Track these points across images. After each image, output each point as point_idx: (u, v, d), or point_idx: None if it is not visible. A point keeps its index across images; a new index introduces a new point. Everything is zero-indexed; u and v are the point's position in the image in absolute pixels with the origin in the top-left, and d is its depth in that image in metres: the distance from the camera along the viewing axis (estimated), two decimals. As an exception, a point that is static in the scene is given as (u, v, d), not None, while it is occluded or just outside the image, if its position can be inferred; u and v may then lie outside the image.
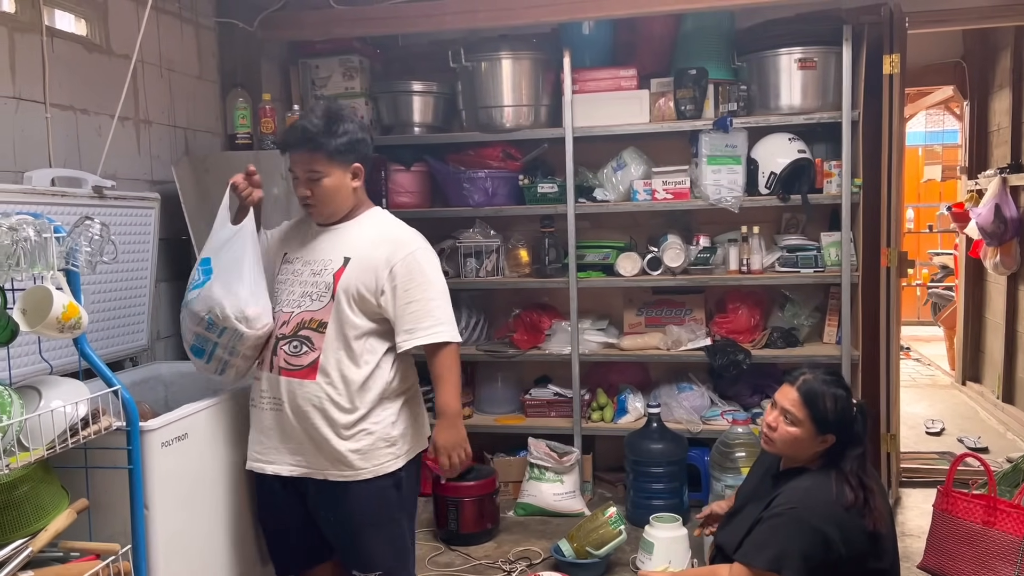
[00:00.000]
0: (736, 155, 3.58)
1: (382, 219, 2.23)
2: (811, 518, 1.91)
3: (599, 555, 2.98)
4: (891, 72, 3.40)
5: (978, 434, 4.59)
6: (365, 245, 2.12)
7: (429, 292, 2.11)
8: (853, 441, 2.01)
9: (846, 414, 2.00)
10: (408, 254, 2.11)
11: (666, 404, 3.73)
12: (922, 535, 3.06)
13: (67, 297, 1.71)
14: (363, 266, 2.09)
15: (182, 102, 3.16)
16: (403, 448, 2.16)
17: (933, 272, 7.96)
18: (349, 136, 2.10)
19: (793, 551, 1.89)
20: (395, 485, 2.15)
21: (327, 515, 2.15)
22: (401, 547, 2.19)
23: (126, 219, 2.52)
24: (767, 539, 1.94)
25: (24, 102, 2.38)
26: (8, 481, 1.65)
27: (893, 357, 3.53)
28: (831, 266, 3.59)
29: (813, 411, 1.99)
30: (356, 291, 2.08)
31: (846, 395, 2.02)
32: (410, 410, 2.21)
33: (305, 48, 3.85)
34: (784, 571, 1.89)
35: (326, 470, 2.11)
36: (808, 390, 2.01)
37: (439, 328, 2.11)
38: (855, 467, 1.97)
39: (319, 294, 2.10)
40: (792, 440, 2.02)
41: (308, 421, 2.09)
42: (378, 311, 2.10)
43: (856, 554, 1.92)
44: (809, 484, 1.99)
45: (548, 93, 3.77)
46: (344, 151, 2.10)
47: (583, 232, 3.87)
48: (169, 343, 3.03)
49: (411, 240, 2.16)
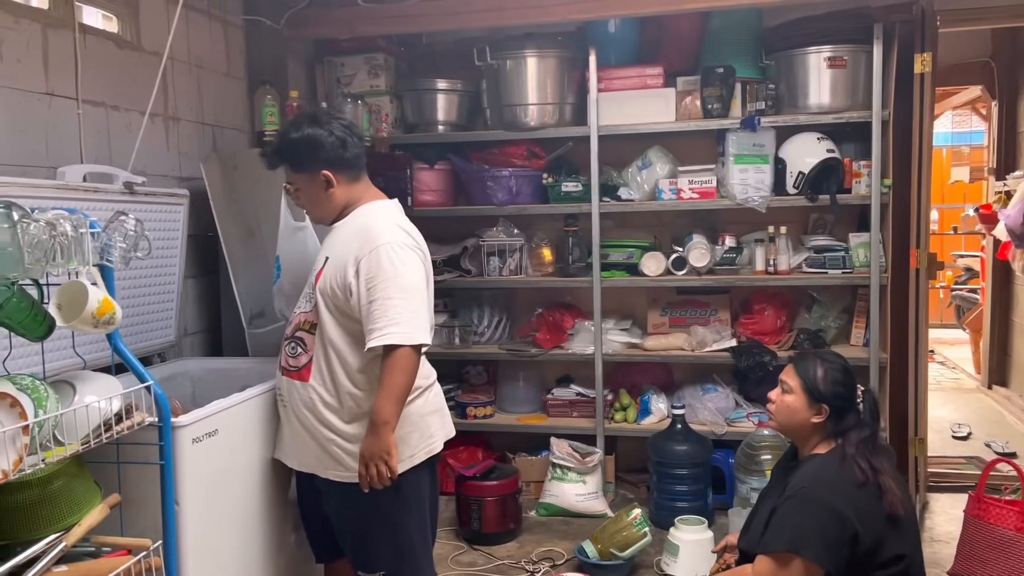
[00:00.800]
0: (764, 154, 3.55)
1: (367, 214, 2.15)
2: (822, 495, 1.93)
3: (624, 557, 2.97)
4: (922, 71, 3.36)
5: (1006, 439, 4.53)
6: (342, 243, 2.09)
7: (389, 290, 1.99)
8: (857, 423, 2.03)
9: (838, 386, 2.05)
10: (373, 249, 2.01)
11: (690, 405, 3.70)
12: (951, 541, 3.02)
13: (102, 292, 1.71)
14: (337, 264, 2.07)
15: (210, 99, 3.17)
16: (404, 452, 2.07)
17: (957, 274, 7.87)
18: (303, 145, 2.08)
19: (808, 529, 1.90)
20: (395, 489, 2.07)
21: (332, 514, 2.17)
22: (406, 548, 2.15)
23: (155, 215, 2.52)
24: (782, 523, 1.96)
25: (56, 98, 2.40)
26: (44, 476, 1.65)
27: (921, 360, 3.49)
28: (859, 267, 3.55)
29: (804, 377, 2.07)
30: (331, 290, 2.06)
31: (839, 368, 2.07)
32: (415, 412, 2.13)
33: (331, 46, 3.86)
34: (803, 551, 1.89)
35: (327, 469, 2.12)
36: (801, 359, 2.13)
37: (390, 330, 1.96)
38: (862, 449, 1.99)
39: (310, 296, 2.12)
40: (787, 409, 2.09)
41: (305, 421, 2.12)
42: (355, 315, 2.04)
43: (875, 536, 1.91)
44: (818, 465, 2.02)
45: (573, 91, 3.76)
46: (301, 162, 2.10)
47: (607, 231, 3.85)
48: (196, 339, 3.04)
49: (380, 235, 2.05)
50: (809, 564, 1.88)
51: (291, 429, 2.18)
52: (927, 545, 3.20)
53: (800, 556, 1.89)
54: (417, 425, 2.15)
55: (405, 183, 3.69)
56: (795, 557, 1.89)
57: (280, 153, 2.14)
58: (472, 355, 3.99)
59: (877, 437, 2.05)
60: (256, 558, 2.23)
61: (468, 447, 3.87)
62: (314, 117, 2.14)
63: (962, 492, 3.02)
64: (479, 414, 3.87)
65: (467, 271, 3.93)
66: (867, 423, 2.04)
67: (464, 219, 3.97)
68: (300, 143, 2.09)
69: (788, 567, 1.90)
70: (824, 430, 2.06)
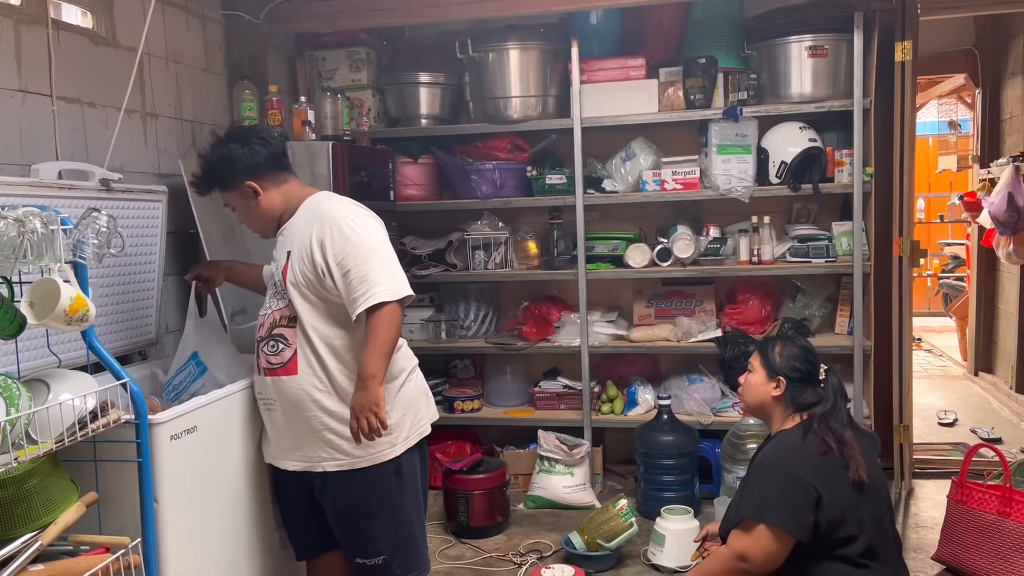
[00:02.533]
0: (746, 144, 3.55)
1: (314, 202, 2.19)
2: (783, 463, 1.99)
3: (610, 547, 2.97)
4: (903, 59, 3.36)
5: (991, 425, 4.55)
6: (300, 234, 2.12)
7: (361, 256, 2.03)
8: (820, 399, 2.07)
9: (793, 360, 2.12)
10: (332, 225, 2.06)
11: (676, 396, 3.71)
12: (936, 526, 3.04)
13: (74, 289, 1.70)
14: (300, 254, 2.10)
15: (189, 95, 3.15)
16: (400, 435, 2.16)
17: (944, 262, 7.90)
18: (219, 164, 2.15)
19: (771, 496, 1.95)
20: (395, 472, 2.16)
21: (330, 505, 2.18)
22: (406, 532, 2.20)
23: (134, 212, 2.50)
24: (747, 493, 2.03)
25: (30, 95, 2.37)
26: (17, 475, 1.63)
27: (906, 347, 3.50)
28: (843, 256, 3.56)
29: (763, 356, 2.17)
30: (303, 278, 2.08)
31: (797, 345, 2.17)
32: (405, 396, 2.19)
33: (312, 40, 3.83)
34: (767, 517, 1.92)
35: (324, 462, 2.14)
36: (762, 341, 2.26)
37: (374, 291, 2.01)
38: (824, 421, 2.03)
39: (280, 293, 2.15)
40: (750, 387, 2.18)
41: (299, 416, 2.12)
42: (333, 295, 2.07)
43: (841, 504, 1.93)
44: (780, 438, 2.09)
45: (556, 83, 3.75)
46: (224, 180, 2.17)
47: (592, 223, 3.85)
48: (177, 337, 3.01)
49: (335, 211, 2.11)
50: (774, 529, 1.92)
51: (282, 429, 2.17)
52: (912, 531, 3.22)
53: (764, 522, 1.93)
54: (409, 408, 2.20)
55: (388, 178, 3.67)
56: (759, 523, 1.94)
57: (205, 180, 2.20)
58: (459, 349, 3.98)
59: (842, 412, 2.09)
60: (238, 555, 2.22)
61: (456, 441, 3.87)
62: (220, 138, 2.21)
63: (947, 478, 3.03)
64: (466, 408, 3.87)
65: (452, 265, 3.92)
66: (829, 398, 2.08)
67: (448, 213, 3.96)
68: (216, 163, 2.16)
69: (753, 533, 1.94)
70: (784, 403, 2.11)
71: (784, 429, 2.10)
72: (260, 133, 2.23)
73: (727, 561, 1.99)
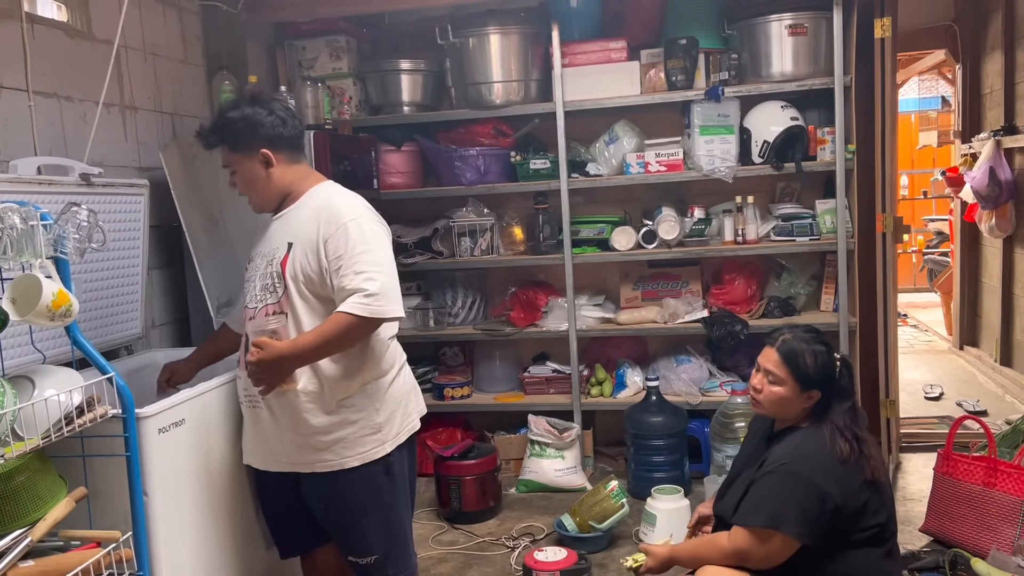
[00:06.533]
0: (728, 124, 3.56)
1: (323, 194, 2.10)
2: (803, 470, 1.92)
3: (602, 528, 2.99)
4: (882, 36, 3.37)
5: (977, 398, 4.60)
6: (305, 226, 2.02)
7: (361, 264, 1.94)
8: (840, 395, 2.02)
9: (827, 369, 2.01)
10: (340, 226, 1.97)
11: (665, 377, 3.73)
12: (923, 499, 3.08)
13: (56, 285, 1.69)
14: (304, 249, 2.00)
15: (168, 87, 3.12)
16: (390, 433, 2.10)
17: (928, 238, 7.96)
18: (241, 123, 2.02)
19: (789, 506, 1.89)
20: (385, 471, 2.10)
21: (319, 505, 2.13)
22: (397, 531, 2.16)
23: (115, 206, 2.48)
24: (762, 498, 1.95)
25: (6, 90, 2.34)
26: (4, 471, 1.63)
27: (891, 323, 3.53)
28: (827, 234, 3.58)
29: (794, 369, 2.01)
30: (303, 275, 2.00)
31: (826, 350, 2.03)
32: (394, 393, 2.14)
33: (291, 29, 3.81)
34: (782, 527, 1.89)
35: (313, 463, 2.07)
36: (788, 350, 2.03)
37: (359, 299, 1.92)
38: (847, 420, 1.98)
39: (273, 285, 2.04)
40: (778, 400, 2.03)
41: (287, 416, 2.04)
42: (331, 294, 2.00)
43: (855, 507, 1.92)
44: (800, 440, 2.00)
45: (538, 68, 3.74)
46: (239, 140, 2.04)
47: (577, 208, 3.85)
48: (164, 331, 3.02)
49: (347, 210, 2.01)
50: (788, 539, 1.89)
51: (267, 429, 2.09)
52: (900, 504, 3.26)
53: (780, 532, 1.89)
54: (399, 405, 2.15)
55: (371, 166, 3.66)
56: (775, 533, 1.90)
57: (218, 131, 2.06)
58: (447, 336, 3.99)
59: (857, 405, 2.05)
60: (229, 547, 2.22)
61: (446, 428, 3.88)
62: (254, 97, 2.10)
63: (934, 451, 3.06)
64: (456, 395, 3.88)
65: (439, 253, 3.92)
66: (848, 393, 2.03)
67: (433, 200, 3.95)
68: (238, 121, 2.03)
69: (767, 543, 1.91)
70: (814, 411, 2.03)
71: (799, 427, 2.04)
72: (288, 107, 2.13)
73: (725, 557, 1.96)
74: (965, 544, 2.76)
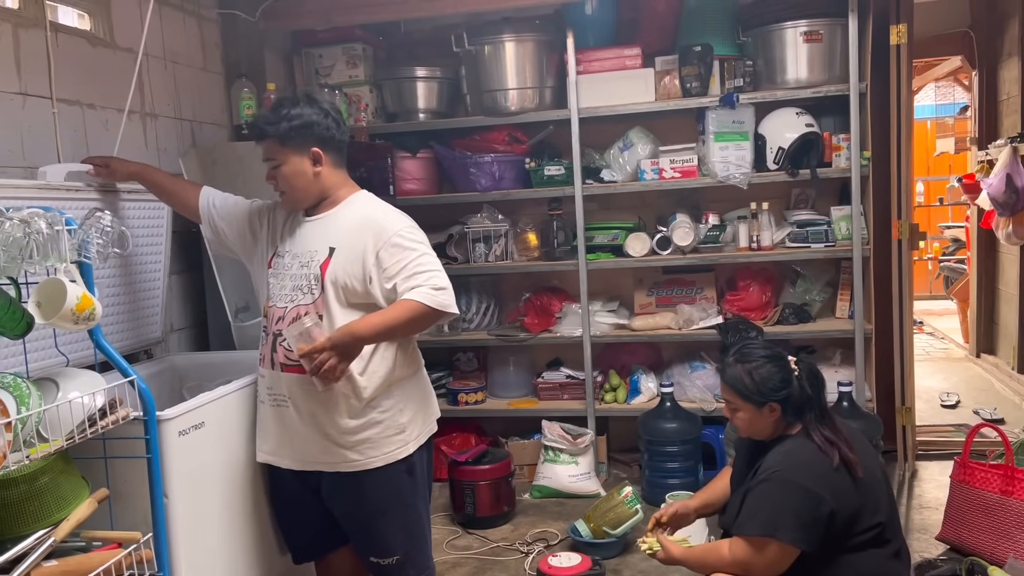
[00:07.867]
0: (743, 131, 3.56)
1: (366, 203, 2.15)
2: (796, 477, 1.92)
3: (616, 534, 2.99)
4: (898, 42, 3.37)
5: (994, 406, 4.57)
6: (349, 233, 2.05)
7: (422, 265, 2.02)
8: (806, 399, 2.01)
9: (772, 381, 2.00)
10: (392, 235, 2.03)
11: (679, 383, 3.72)
12: (940, 507, 3.06)
13: (81, 289, 1.71)
14: (349, 256, 2.03)
15: (187, 94, 3.16)
16: (413, 433, 2.15)
17: (945, 245, 7.90)
18: (297, 120, 2.04)
19: (784, 512, 1.90)
20: (408, 471, 2.14)
21: (342, 506, 2.15)
22: (417, 531, 2.19)
23: (139, 212, 2.51)
24: (757, 506, 1.96)
25: (31, 98, 2.39)
26: (29, 472, 1.66)
27: (907, 330, 3.52)
28: (842, 240, 3.58)
29: (741, 392, 2.03)
30: (344, 282, 2.03)
31: (761, 361, 2.03)
32: (417, 394, 2.19)
33: (308, 37, 3.85)
34: (778, 534, 1.89)
35: (337, 463, 2.09)
36: (729, 376, 2.06)
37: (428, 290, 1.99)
38: (819, 427, 1.99)
39: (309, 287, 2.05)
40: (746, 423, 2.06)
41: (315, 416, 2.07)
42: (368, 299, 2.04)
43: (850, 509, 1.92)
44: (790, 447, 2.00)
45: (552, 75, 3.76)
46: (292, 135, 2.04)
47: (591, 214, 3.87)
48: (183, 335, 3.05)
49: (395, 222, 2.08)
50: (785, 546, 1.90)
51: (293, 428, 2.10)
52: (916, 512, 3.25)
53: (776, 539, 1.90)
54: (421, 405, 2.20)
55: (387, 172, 3.69)
56: (771, 541, 1.90)
57: (274, 124, 2.05)
58: (462, 342, 4.00)
59: (825, 406, 2.05)
60: (247, 549, 2.24)
61: (461, 433, 3.89)
62: (310, 96, 2.12)
63: (950, 459, 3.05)
64: (470, 400, 3.89)
65: (453, 258, 3.94)
66: (808, 397, 2.01)
67: (448, 206, 3.97)
68: (295, 117, 2.05)
69: (764, 551, 1.92)
70: (785, 418, 2.03)
71: (789, 435, 2.04)
72: (340, 112, 2.17)
73: (728, 567, 1.97)
74: (982, 552, 2.74)
